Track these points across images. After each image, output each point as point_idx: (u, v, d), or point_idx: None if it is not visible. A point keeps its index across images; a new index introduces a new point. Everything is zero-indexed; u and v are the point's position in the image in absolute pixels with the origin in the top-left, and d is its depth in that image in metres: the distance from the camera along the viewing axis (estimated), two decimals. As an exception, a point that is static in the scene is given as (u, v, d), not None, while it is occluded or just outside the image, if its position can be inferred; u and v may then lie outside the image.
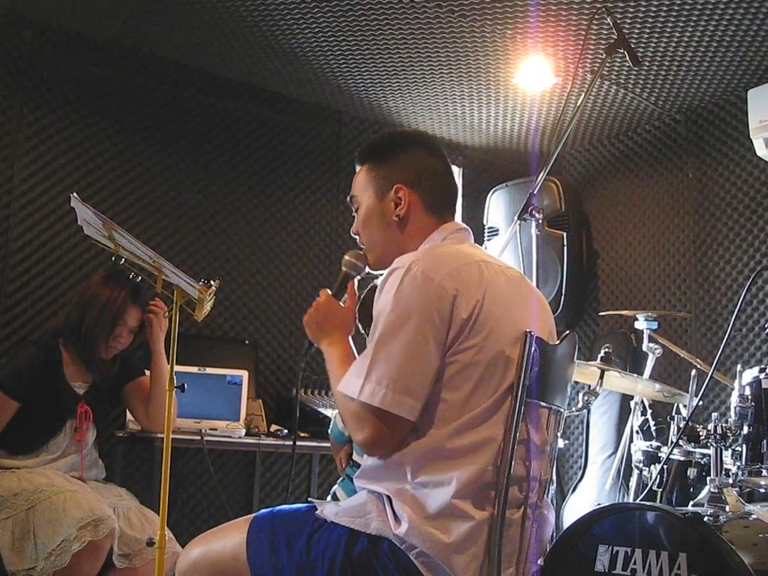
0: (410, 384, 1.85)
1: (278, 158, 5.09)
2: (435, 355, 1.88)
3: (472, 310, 1.90)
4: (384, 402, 1.84)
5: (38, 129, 4.32)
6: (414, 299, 1.89)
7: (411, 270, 1.92)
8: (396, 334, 1.89)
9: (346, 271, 2.28)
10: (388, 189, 2.18)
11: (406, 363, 1.86)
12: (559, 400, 2.15)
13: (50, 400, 3.31)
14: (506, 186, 5.43)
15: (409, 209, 2.17)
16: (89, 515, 2.95)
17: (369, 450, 1.95)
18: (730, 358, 4.51)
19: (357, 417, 1.91)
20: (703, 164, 4.93)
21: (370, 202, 2.21)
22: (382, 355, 1.89)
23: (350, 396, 1.91)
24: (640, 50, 4.20)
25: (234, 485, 4.73)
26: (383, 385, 1.85)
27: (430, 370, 1.88)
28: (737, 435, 2.80)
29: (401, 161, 2.21)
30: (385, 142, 2.31)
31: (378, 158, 2.24)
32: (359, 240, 2.28)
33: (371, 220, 2.22)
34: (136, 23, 4.29)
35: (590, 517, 2.45)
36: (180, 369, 3.49)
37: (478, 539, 1.85)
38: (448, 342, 1.89)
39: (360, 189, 2.25)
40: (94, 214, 2.42)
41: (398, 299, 1.91)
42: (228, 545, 2.07)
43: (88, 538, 2.91)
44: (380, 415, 1.86)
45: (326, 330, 2.18)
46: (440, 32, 4.16)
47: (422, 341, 1.87)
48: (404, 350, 1.87)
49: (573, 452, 5.38)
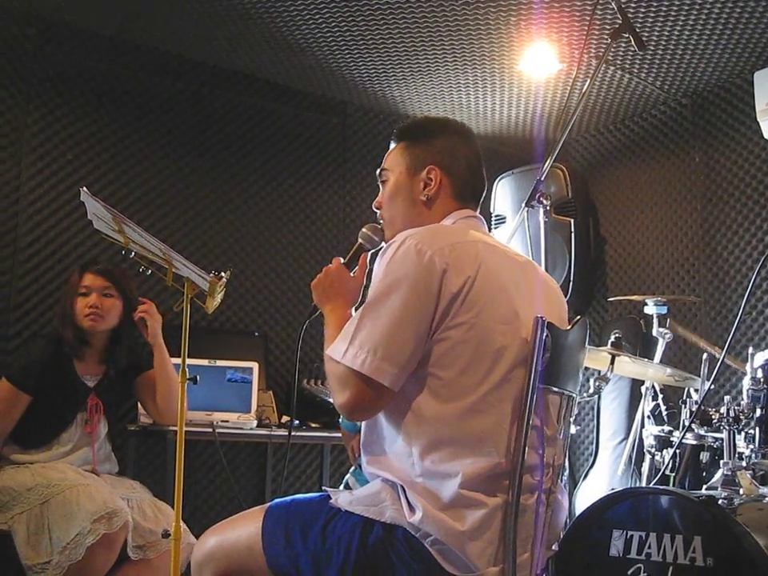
0: (391, 351, 1.87)
1: (284, 149, 5.09)
2: (420, 327, 1.88)
3: (462, 285, 1.90)
4: (364, 367, 1.86)
5: (45, 125, 4.33)
6: (404, 271, 1.91)
7: (405, 244, 1.94)
8: (382, 302, 1.91)
9: (360, 243, 2.30)
10: (421, 168, 2.19)
11: (389, 331, 1.88)
12: (571, 385, 2.14)
13: (61, 393, 3.33)
14: (512, 174, 5.42)
15: (438, 191, 2.19)
16: (102, 508, 2.96)
17: (348, 413, 1.97)
18: (741, 342, 4.50)
19: (339, 379, 1.93)
20: (710, 148, 4.92)
21: (400, 177, 2.22)
22: (367, 321, 1.91)
23: (335, 359, 1.93)
24: (645, 34, 4.18)
25: (246, 476, 4.74)
26: (365, 350, 1.87)
27: (413, 341, 1.88)
28: (749, 418, 2.81)
29: (437, 143, 2.22)
30: (424, 123, 2.34)
31: (415, 137, 2.25)
32: (380, 214, 2.29)
33: (398, 194, 2.22)
34: (140, 17, 4.29)
35: (604, 502, 2.46)
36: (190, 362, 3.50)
37: (492, 525, 1.86)
38: (437, 317, 1.89)
39: (392, 163, 2.25)
40: (103, 207, 2.42)
41: (388, 270, 1.94)
42: (243, 534, 2.08)
43: (102, 530, 2.92)
44: (361, 379, 1.88)
45: (330, 296, 2.19)
46: (444, 20, 4.15)
47: (408, 311, 1.88)
48: (388, 319, 1.89)
49: (584, 438, 5.38)
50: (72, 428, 3.35)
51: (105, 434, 3.48)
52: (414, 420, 1.91)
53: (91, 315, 3.38)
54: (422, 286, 1.89)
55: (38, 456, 3.27)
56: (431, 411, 1.90)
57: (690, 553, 2.25)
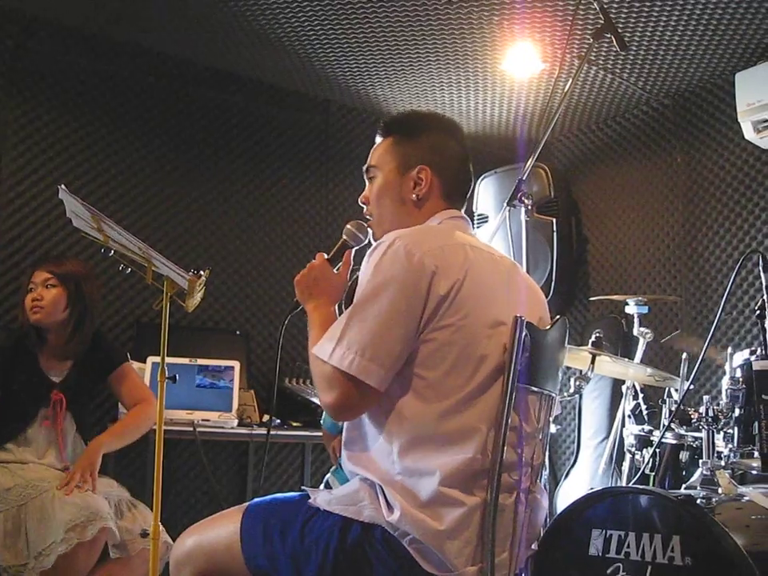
0: (379, 352, 1.86)
1: (266, 147, 5.08)
2: (407, 328, 1.88)
3: (450, 288, 1.90)
4: (352, 367, 1.86)
5: (25, 122, 4.30)
6: (393, 272, 1.90)
7: (394, 245, 1.94)
8: (371, 303, 1.90)
9: (345, 240, 2.29)
10: (411, 167, 2.18)
11: (377, 332, 1.88)
12: (550, 385, 2.15)
13: (23, 386, 3.31)
14: (494, 173, 5.43)
15: (428, 191, 2.18)
16: (77, 516, 2.93)
17: (334, 413, 1.97)
18: (721, 341, 4.52)
19: (326, 379, 1.92)
20: (692, 148, 4.94)
21: (389, 175, 2.21)
22: (354, 321, 1.91)
23: (321, 358, 1.92)
24: (627, 35, 4.20)
25: (227, 475, 4.73)
26: (353, 350, 1.87)
27: (401, 342, 1.88)
28: (728, 418, 2.82)
29: (428, 141, 2.21)
30: (413, 118, 2.30)
31: (404, 133, 2.23)
32: (366, 210, 2.28)
33: (387, 193, 2.21)
34: (121, 15, 4.27)
35: (584, 501, 2.46)
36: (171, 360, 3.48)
37: (470, 525, 1.86)
38: (424, 318, 1.89)
39: (380, 160, 2.24)
40: (82, 205, 2.41)
41: (377, 271, 1.93)
42: (222, 534, 2.07)
43: (75, 540, 2.89)
44: (348, 379, 1.87)
45: (314, 293, 2.19)
46: (427, 20, 4.15)
47: (396, 312, 1.88)
48: (377, 320, 1.88)
49: (565, 437, 5.40)
50: (36, 423, 3.32)
51: (74, 431, 3.44)
52: (396, 419, 1.92)
53: (34, 308, 3.37)
54: (411, 288, 1.89)
55: (7, 455, 3.24)
56: (412, 410, 1.90)
57: (669, 552, 2.25)
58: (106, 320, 4.35)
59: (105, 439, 3.34)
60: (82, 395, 3.51)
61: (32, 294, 3.38)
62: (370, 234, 2.29)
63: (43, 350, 3.41)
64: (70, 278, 3.43)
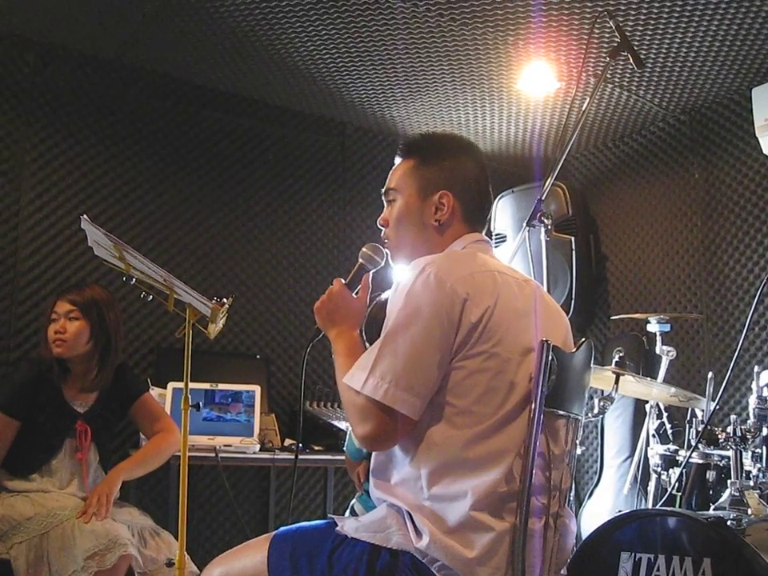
0: (412, 382, 1.85)
1: (283, 171, 5.09)
2: (441, 357, 1.87)
3: (482, 315, 1.89)
4: (386, 398, 1.85)
5: (44, 150, 4.33)
6: (425, 300, 1.89)
7: (425, 272, 1.92)
8: (404, 331, 1.89)
9: (362, 263, 2.27)
10: (433, 192, 2.17)
11: (410, 361, 1.86)
12: (577, 408, 2.13)
13: (47, 418, 3.30)
14: (512, 192, 5.42)
15: (450, 217, 2.17)
16: (97, 544, 2.93)
17: (368, 443, 1.95)
18: (744, 358, 4.48)
19: (359, 410, 1.91)
20: (709, 164, 4.92)
21: (410, 199, 2.19)
22: (388, 351, 1.89)
23: (354, 388, 1.91)
24: (643, 52, 4.19)
25: (249, 500, 4.72)
26: (387, 380, 1.86)
27: (435, 371, 1.87)
28: (756, 437, 2.79)
29: (449, 165, 2.19)
30: (435, 141, 2.28)
31: (425, 157, 2.21)
32: (385, 233, 2.26)
33: (408, 218, 2.19)
34: (139, 41, 4.30)
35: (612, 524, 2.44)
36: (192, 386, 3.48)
37: (500, 551, 1.84)
38: (455, 345, 1.88)
39: (401, 183, 2.22)
40: (104, 235, 2.42)
41: (409, 299, 1.91)
42: (249, 564, 2.05)
43: (94, 568, 2.89)
44: (382, 410, 1.86)
45: (335, 320, 2.17)
46: (442, 41, 4.16)
47: (429, 341, 1.87)
48: (410, 348, 1.87)
49: (588, 457, 5.36)
50: (60, 454, 3.31)
51: (97, 462, 3.43)
52: (425, 446, 1.90)
53: (56, 341, 3.35)
54: (444, 315, 1.88)
55: (30, 484, 3.24)
56: (442, 437, 1.89)
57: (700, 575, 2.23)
58: (126, 346, 4.34)
59: (125, 466, 3.34)
60: (107, 426, 3.51)
61: (54, 325, 3.36)
62: (388, 257, 2.28)
63: (67, 381, 3.40)
64: (93, 308, 3.40)
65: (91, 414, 3.41)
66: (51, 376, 3.34)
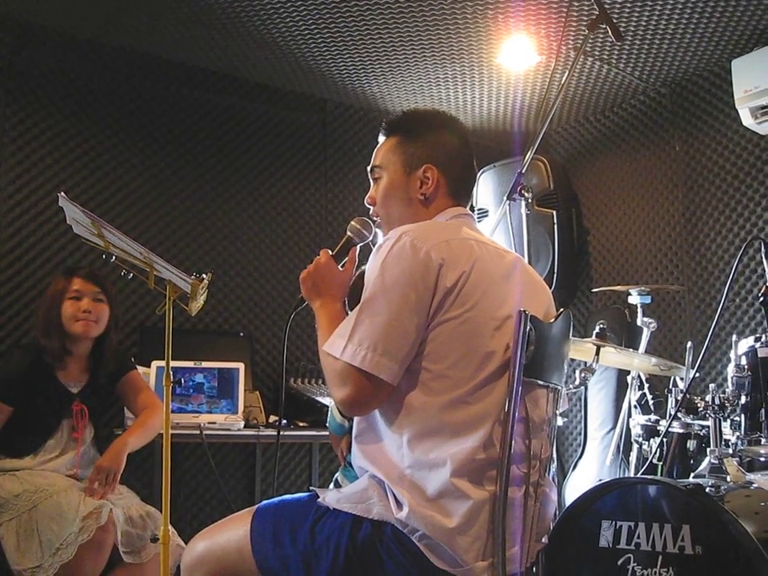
0: (390, 347, 1.88)
1: (264, 148, 5.07)
2: (418, 322, 1.90)
3: (457, 280, 1.92)
4: (364, 363, 1.88)
5: (23, 130, 4.30)
6: (401, 267, 1.92)
7: (401, 240, 1.95)
8: (380, 298, 1.92)
9: (349, 236, 2.28)
10: (417, 166, 2.19)
11: (387, 327, 1.89)
12: (556, 378, 2.15)
13: (44, 401, 3.32)
14: (493, 167, 5.42)
15: (435, 190, 2.18)
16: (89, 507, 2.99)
17: (348, 408, 1.98)
18: (725, 329, 4.52)
19: (339, 376, 1.93)
20: (690, 136, 4.93)
21: (395, 175, 2.21)
22: (365, 317, 1.92)
23: (333, 355, 1.94)
24: (622, 25, 4.18)
25: (235, 477, 4.73)
26: (365, 346, 1.89)
27: (412, 335, 1.90)
28: (735, 405, 2.82)
29: (432, 140, 2.21)
30: (417, 117, 2.29)
31: (408, 133, 2.23)
32: (373, 210, 2.28)
33: (394, 193, 2.21)
34: (117, 20, 4.26)
35: (592, 493, 2.47)
36: (175, 364, 3.50)
37: (479, 519, 1.86)
38: (432, 310, 1.91)
39: (385, 160, 2.24)
40: (82, 212, 2.41)
41: (385, 266, 1.94)
42: (232, 537, 2.07)
43: (94, 526, 2.94)
44: (361, 375, 1.89)
45: (320, 290, 2.19)
46: (421, 15, 4.15)
47: (405, 306, 1.89)
48: (387, 315, 1.90)
49: (572, 429, 5.39)
50: (58, 434, 3.36)
51: (91, 439, 3.47)
52: (404, 411, 1.93)
53: (84, 320, 3.37)
54: (419, 281, 1.90)
55: (23, 462, 3.26)
56: (420, 402, 1.92)
57: (679, 541, 2.26)
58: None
59: (128, 439, 3.34)
60: (101, 404, 3.56)
61: (78, 303, 3.39)
62: (379, 234, 2.29)
63: (65, 362, 3.42)
64: (113, 297, 3.52)
65: (85, 394, 3.45)
66: (48, 361, 3.35)
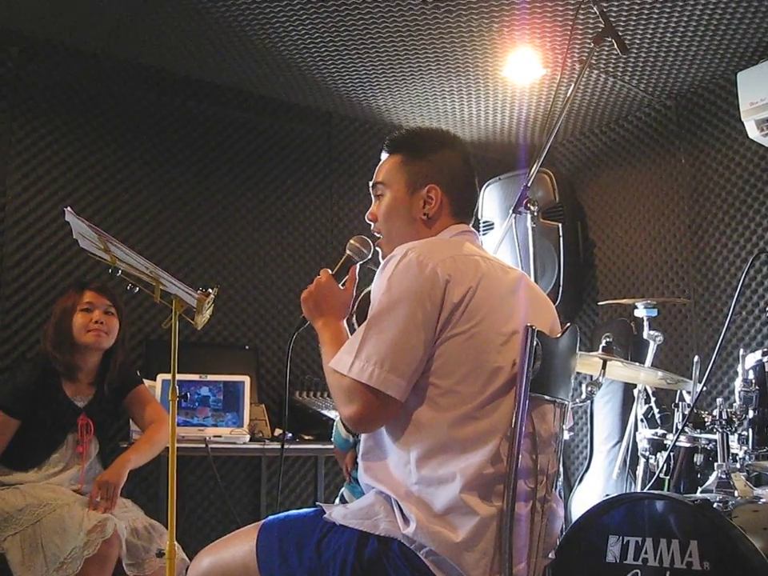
0: (397, 363, 1.87)
1: (270, 161, 5.08)
2: (425, 338, 1.90)
3: (464, 295, 1.92)
4: (372, 379, 1.87)
5: (29, 143, 4.31)
6: (407, 283, 1.92)
7: (407, 256, 1.95)
8: (387, 315, 1.91)
9: (349, 255, 2.28)
10: (421, 186, 2.18)
11: (395, 343, 1.89)
12: (563, 393, 2.14)
13: (50, 415, 3.32)
14: (499, 180, 5.43)
15: (438, 210, 2.18)
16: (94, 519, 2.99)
17: (355, 425, 1.97)
18: (731, 342, 4.50)
19: (346, 392, 1.93)
20: (695, 149, 4.93)
21: (399, 194, 2.21)
22: (372, 334, 1.92)
23: (340, 372, 1.93)
24: (628, 38, 4.19)
25: (241, 491, 4.72)
26: (372, 362, 1.88)
27: (419, 352, 1.89)
28: (742, 420, 2.81)
29: (436, 160, 2.21)
30: (421, 136, 2.29)
31: (412, 151, 2.23)
32: (374, 227, 2.28)
33: (397, 212, 2.21)
34: (123, 33, 4.28)
35: (599, 508, 2.44)
36: (181, 377, 3.49)
37: (486, 536, 1.85)
38: (439, 326, 1.91)
39: (388, 178, 2.23)
40: (88, 227, 2.41)
41: (391, 283, 1.94)
42: (238, 553, 2.06)
43: (99, 540, 2.93)
44: (369, 392, 1.88)
45: (321, 310, 2.19)
46: (426, 28, 4.15)
47: (413, 323, 1.89)
48: (394, 331, 1.89)
49: (578, 442, 5.38)
50: (63, 448, 3.35)
51: (96, 454, 3.46)
52: (412, 427, 1.92)
53: (96, 331, 3.39)
54: (426, 297, 1.90)
55: (27, 476, 3.26)
56: (428, 418, 1.91)
57: (687, 557, 2.24)
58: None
59: (131, 456, 3.35)
60: (107, 418, 3.56)
61: (89, 314, 3.42)
62: (379, 252, 2.29)
63: (74, 375, 3.42)
64: (121, 308, 3.54)
65: (92, 408, 3.45)
66: (59, 373, 3.37)
